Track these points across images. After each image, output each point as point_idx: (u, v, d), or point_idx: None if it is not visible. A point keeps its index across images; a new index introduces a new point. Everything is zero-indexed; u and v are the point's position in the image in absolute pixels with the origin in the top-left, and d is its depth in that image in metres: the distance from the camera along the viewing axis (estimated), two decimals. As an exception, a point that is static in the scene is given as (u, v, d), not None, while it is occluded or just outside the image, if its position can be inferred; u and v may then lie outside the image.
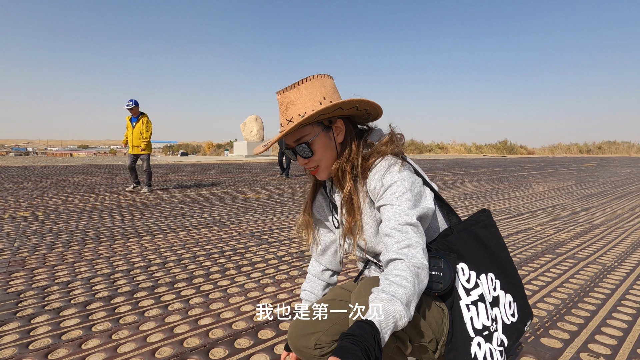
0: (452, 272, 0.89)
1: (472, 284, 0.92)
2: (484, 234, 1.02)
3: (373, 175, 0.91)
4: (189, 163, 15.02)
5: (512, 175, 10.84)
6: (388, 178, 0.89)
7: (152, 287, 2.07)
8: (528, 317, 1.07)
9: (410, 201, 0.86)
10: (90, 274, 2.28)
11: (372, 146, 0.97)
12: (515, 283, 1.05)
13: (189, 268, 2.41)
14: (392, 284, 0.74)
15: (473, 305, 0.90)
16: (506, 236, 3.36)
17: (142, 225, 3.70)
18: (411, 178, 0.90)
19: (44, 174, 8.90)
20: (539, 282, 2.23)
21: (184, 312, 1.76)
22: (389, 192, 0.88)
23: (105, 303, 1.86)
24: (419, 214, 0.86)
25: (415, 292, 0.75)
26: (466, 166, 15.12)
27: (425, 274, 0.80)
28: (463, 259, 0.94)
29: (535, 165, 15.90)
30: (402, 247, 0.81)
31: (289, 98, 0.93)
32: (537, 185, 7.97)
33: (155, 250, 2.80)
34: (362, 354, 0.60)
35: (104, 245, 2.92)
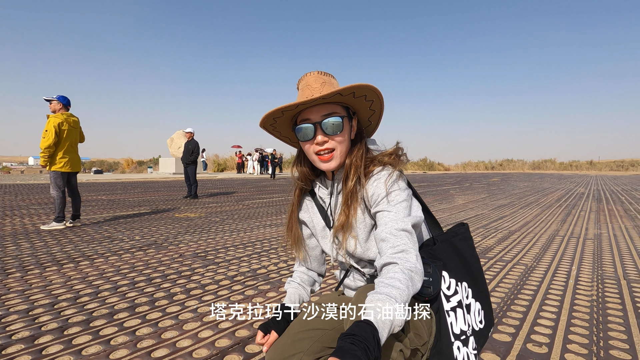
0: (439, 278, 0.92)
1: (452, 290, 0.97)
2: (462, 245, 1.08)
3: (372, 182, 0.94)
4: (107, 181, 13.58)
5: (435, 189, 11.85)
6: (387, 186, 0.92)
7: (87, 321, 1.79)
8: (491, 324, 1.14)
9: (406, 210, 0.90)
10: (2, 312, 1.89)
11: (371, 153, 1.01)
12: (483, 292, 1.12)
13: (128, 296, 2.14)
14: (387, 286, 0.75)
15: (452, 311, 0.95)
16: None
17: (60, 252, 3.21)
18: (407, 190, 0.95)
19: None
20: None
21: (131, 346, 1.55)
22: (387, 200, 0.90)
23: (28, 344, 1.55)
24: (413, 222, 0.89)
25: (410, 293, 0.76)
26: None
27: (419, 278, 0.82)
28: (444, 267, 0.98)
29: (453, 181, 17.64)
30: (396, 251, 0.83)
31: (323, 79, 0.95)
32: (458, 198, 8.83)
33: (82, 279, 2.44)
34: (362, 354, 0.60)
35: (14, 277, 2.47)
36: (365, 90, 0.92)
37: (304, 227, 1.12)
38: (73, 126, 4.68)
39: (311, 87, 0.94)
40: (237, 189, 11.02)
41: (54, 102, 4.58)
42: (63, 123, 4.52)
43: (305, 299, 1.12)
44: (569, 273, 2.71)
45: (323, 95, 0.88)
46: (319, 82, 0.94)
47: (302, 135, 0.95)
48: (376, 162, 0.97)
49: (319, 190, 1.08)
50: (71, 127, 4.64)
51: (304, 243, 1.12)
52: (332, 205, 1.04)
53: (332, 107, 0.95)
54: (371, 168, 0.96)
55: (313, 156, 0.97)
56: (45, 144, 4.39)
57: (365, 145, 1.01)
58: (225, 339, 1.63)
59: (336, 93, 0.89)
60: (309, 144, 0.96)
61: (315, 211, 1.09)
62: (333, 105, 0.95)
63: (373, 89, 0.93)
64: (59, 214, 4.46)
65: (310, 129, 0.94)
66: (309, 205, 1.10)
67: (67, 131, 4.55)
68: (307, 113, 0.95)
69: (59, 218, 4.46)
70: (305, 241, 1.13)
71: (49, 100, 4.58)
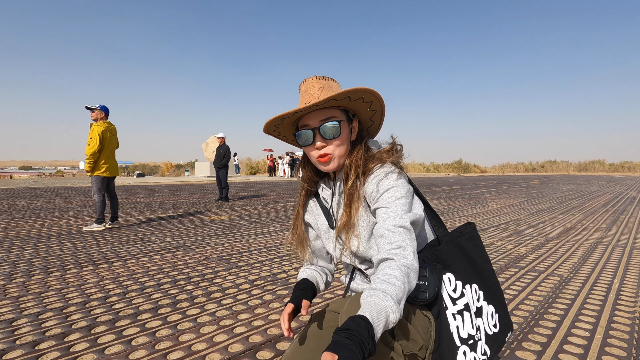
0: (436, 281, 0.91)
1: (459, 293, 0.95)
2: (469, 245, 1.06)
3: (372, 180, 0.95)
4: (147, 184, 14.32)
5: (469, 193, 11.42)
6: (386, 183, 0.92)
7: (113, 321, 1.89)
8: (508, 328, 1.09)
9: (405, 206, 0.90)
10: (39, 309, 2.05)
11: (371, 152, 1.02)
12: (497, 294, 1.08)
13: (153, 297, 2.24)
14: (382, 282, 0.75)
15: (459, 315, 0.92)
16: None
17: (97, 252, 3.42)
18: (407, 186, 0.94)
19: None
20: (506, 295, 2.32)
21: (150, 347, 1.62)
22: (386, 196, 0.91)
23: (58, 341, 1.67)
24: (412, 219, 0.89)
25: (405, 290, 0.76)
26: (426, 185, 15.74)
27: (415, 275, 0.81)
28: (449, 269, 0.97)
29: (489, 183, 16.91)
30: (393, 247, 0.83)
31: (322, 84, 0.97)
32: (492, 202, 8.45)
33: (114, 279, 2.59)
34: (357, 349, 0.60)
35: (54, 276, 2.66)
36: (361, 93, 0.94)
37: (310, 229, 1.13)
38: (112, 134, 4.99)
39: (309, 93, 0.96)
40: (267, 192, 11.21)
41: (96, 110, 4.88)
42: (105, 131, 4.82)
43: (320, 284, 1.11)
44: (609, 286, 2.50)
45: (317, 102, 0.90)
46: (317, 87, 0.97)
47: (302, 140, 0.98)
48: (375, 159, 0.98)
49: (322, 191, 1.10)
50: (111, 135, 4.94)
51: (309, 243, 1.13)
52: (333, 206, 1.06)
53: (330, 112, 0.97)
54: (370, 166, 0.97)
55: (314, 159, 1.00)
56: (91, 150, 4.71)
57: (365, 145, 1.03)
58: (239, 343, 1.66)
59: (330, 99, 0.90)
60: (309, 148, 0.99)
61: (320, 212, 1.10)
62: (331, 110, 0.97)
63: (368, 91, 0.94)
64: (99, 216, 4.76)
65: (309, 134, 0.96)
66: (313, 207, 1.12)
67: (108, 139, 4.86)
68: (307, 119, 0.97)
69: (99, 220, 4.75)
70: (312, 243, 1.13)
71: (92, 109, 4.89)
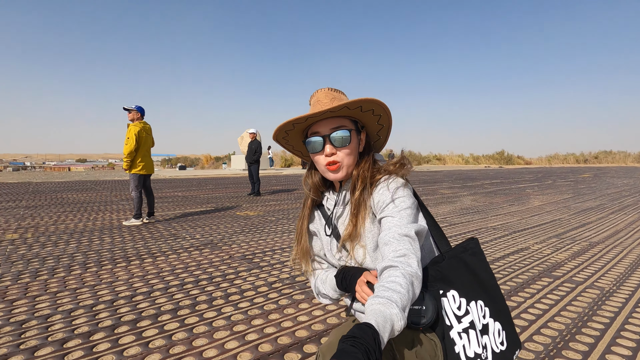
0: (435, 305, 0.90)
1: (463, 310, 0.94)
2: (473, 261, 1.05)
3: (379, 191, 0.97)
4: (186, 177, 14.98)
5: (509, 187, 10.82)
6: (392, 193, 0.95)
7: (135, 321, 1.99)
8: (516, 345, 1.06)
9: (410, 217, 0.91)
10: (72, 305, 2.20)
11: (378, 164, 1.05)
12: (503, 311, 1.06)
13: (175, 297, 2.33)
14: (387, 289, 0.75)
15: (464, 333, 0.91)
16: (502, 257, 3.30)
17: (132, 248, 3.63)
18: (412, 198, 0.97)
19: (38, 191, 8.82)
20: (536, 310, 2.16)
21: (164, 351, 1.69)
22: (392, 206, 0.93)
23: (84, 340, 1.78)
24: (417, 229, 0.90)
25: (410, 298, 0.76)
26: (464, 178, 15.12)
27: (418, 283, 0.81)
28: (453, 286, 0.96)
29: (533, 177, 15.92)
30: (398, 255, 0.83)
31: (333, 95, 1.01)
32: (534, 199, 7.94)
33: (142, 277, 2.72)
34: (363, 356, 0.60)
35: (90, 272, 2.85)
36: (372, 105, 0.97)
37: (315, 239, 1.13)
38: (148, 133, 5.23)
39: (321, 103, 0.99)
40: (298, 186, 11.31)
41: (133, 111, 5.14)
42: (141, 131, 5.06)
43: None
44: (658, 303, 2.26)
45: (331, 108, 0.92)
46: (328, 98, 1.00)
47: (312, 147, 1.00)
48: (382, 171, 1.01)
49: (326, 201, 1.11)
50: (147, 134, 5.19)
51: (312, 256, 1.12)
52: (335, 215, 1.07)
53: (341, 121, 0.99)
54: (377, 177, 1.00)
55: (322, 167, 1.01)
56: (128, 150, 4.98)
57: (372, 158, 1.06)
58: (248, 352, 1.68)
59: (344, 106, 0.93)
60: (318, 156, 1.00)
61: (323, 222, 1.11)
62: (342, 119, 1.00)
63: (380, 104, 0.97)
64: (136, 211, 5.03)
65: (319, 141, 0.98)
66: (317, 217, 1.13)
67: (144, 138, 5.10)
68: (317, 126, 0.99)
69: (137, 215, 5.03)
70: (317, 254, 1.13)
71: (129, 110, 5.15)
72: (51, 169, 35.83)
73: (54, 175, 16.27)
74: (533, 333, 1.87)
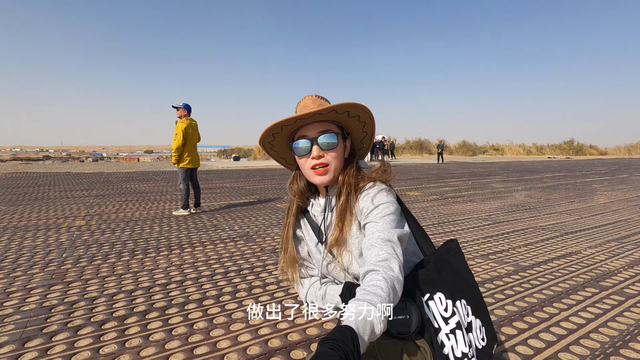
0: (418, 312, 0.92)
1: (450, 312, 0.96)
2: (456, 261, 1.08)
3: (363, 197, 0.99)
4: (236, 169, 15.70)
5: (573, 182, 9.84)
6: (376, 200, 0.97)
7: (164, 308, 2.18)
8: (494, 340, 1.11)
9: (393, 222, 0.93)
10: (115, 290, 2.46)
11: (362, 171, 1.07)
12: (482, 309, 1.10)
13: (204, 288, 2.50)
14: (368, 293, 0.75)
15: (452, 334, 0.93)
16: (545, 261, 3.05)
17: (175, 237, 3.93)
18: (395, 204, 0.98)
19: (107, 181, 9.84)
20: (569, 324, 1.98)
21: (184, 339, 1.83)
22: (375, 212, 0.95)
23: (119, 323, 1.99)
24: (399, 235, 0.91)
25: (391, 301, 0.77)
26: (521, 170, 14.04)
27: (400, 287, 0.82)
28: (440, 288, 0.98)
29: (605, 170, 14.29)
30: (380, 260, 0.84)
31: (319, 102, 1.05)
32: (600, 196, 7.15)
33: (179, 266, 2.95)
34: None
35: (136, 259, 3.14)
36: (359, 110, 1.00)
37: (301, 245, 1.15)
38: (194, 129, 5.56)
39: (308, 108, 1.02)
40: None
41: (180, 109, 5.50)
42: (188, 127, 5.41)
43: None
44: None
45: (319, 110, 0.94)
46: (315, 104, 1.03)
47: (299, 150, 1.01)
48: (366, 178, 1.03)
49: (312, 208, 1.13)
50: (193, 130, 5.52)
51: (299, 261, 1.14)
52: (325, 222, 1.08)
53: (328, 125, 1.02)
54: (361, 184, 1.02)
55: (308, 171, 1.03)
56: (176, 145, 5.36)
57: (357, 164, 1.08)
58: (257, 346, 1.76)
59: (332, 109, 0.96)
60: (305, 159, 1.02)
61: (309, 228, 1.13)
62: (329, 124, 1.02)
63: (366, 110, 1.00)
64: (184, 202, 5.41)
65: (306, 144, 1.00)
66: (302, 224, 1.15)
67: (190, 134, 5.44)
68: (304, 130, 1.01)
69: (185, 206, 5.41)
70: (304, 261, 1.16)
71: (177, 107, 5.52)
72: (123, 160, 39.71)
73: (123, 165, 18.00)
74: (559, 350, 1.73)
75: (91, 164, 20.51)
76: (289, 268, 1.13)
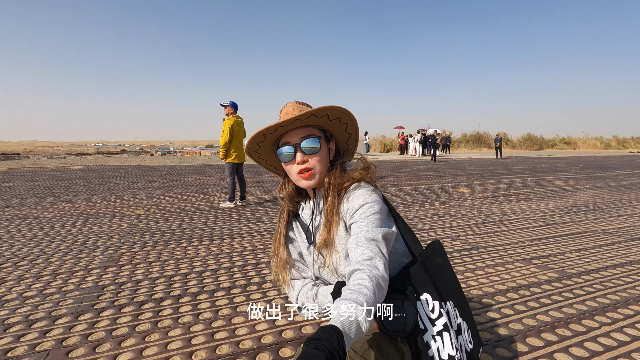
0: (413, 311, 0.92)
1: (437, 313, 0.95)
2: (441, 262, 1.07)
3: (347, 197, 1.01)
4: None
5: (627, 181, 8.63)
6: (361, 200, 0.98)
7: (196, 294, 2.37)
8: (480, 344, 1.10)
9: (378, 221, 0.94)
10: (158, 274, 2.72)
11: (347, 172, 1.08)
12: (468, 311, 1.09)
13: (234, 277, 2.67)
14: (353, 292, 0.76)
15: (438, 336, 0.93)
16: (598, 269, 2.76)
17: (219, 228, 4.20)
18: (380, 204, 0.99)
19: (169, 174, 10.72)
20: (610, 340, 1.79)
21: (207, 323, 1.98)
22: (360, 212, 0.96)
23: (156, 305, 2.21)
24: (384, 233, 0.92)
25: (376, 300, 0.78)
26: (593, 167, 12.63)
27: (385, 285, 0.83)
28: (426, 289, 0.97)
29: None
30: (364, 259, 0.85)
31: (301, 108, 1.07)
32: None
33: (216, 256, 3.16)
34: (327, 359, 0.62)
35: (180, 247, 3.43)
36: (338, 113, 1.01)
37: (293, 249, 1.17)
38: (240, 126, 5.85)
39: (289, 114, 1.04)
40: (389, 173, 11.12)
41: (227, 107, 5.82)
42: (234, 124, 5.70)
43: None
44: None
45: (298, 116, 0.97)
46: (297, 110, 1.05)
47: (284, 157, 1.04)
48: (350, 178, 1.04)
49: (302, 211, 1.15)
50: (239, 127, 5.81)
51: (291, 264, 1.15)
52: (313, 223, 1.11)
53: (310, 130, 1.04)
54: (346, 185, 1.03)
55: (295, 176, 1.05)
56: (223, 141, 5.68)
57: (342, 166, 1.09)
58: (271, 335, 1.85)
59: (311, 114, 0.98)
60: (290, 165, 1.05)
61: (300, 231, 1.15)
62: (311, 129, 1.04)
63: (345, 112, 1.01)
64: (231, 195, 5.74)
65: (290, 150, 1.03)
66: (294, 227, 1.17)
67: (236, 130, 5.74)
68: (287, 137, 1.04)
69: (231, 199, 5.73)
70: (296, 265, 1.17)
71: (224, 105, 5.84)
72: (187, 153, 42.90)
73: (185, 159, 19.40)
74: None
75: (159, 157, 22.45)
76: (281, 271, 1.15)
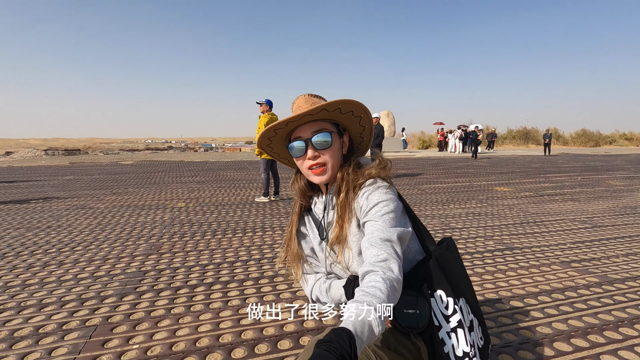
0: (427, 309, 0.91)
1: (451, 310, 0.94)
2: (455, 258, 1.06)
3: (362, 195, 0.97)
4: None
5: None
6: (376, 197, 0.94)
7: (227, 282, 2.51)
8: (489, 340, 1.09)
9: (393, 220, 0.91)
10: (193, 262, 2.91)
11: (362, 168, 1.04)
12: (479, 308, 1.08)
13: (263, 268, 2.79)
14: (366, 294, 0.75)
15: (453, 332, 0.92)
16: (623, 279, 2.55)
17: (252, 221, 4.37)
18: (396, 202, 0.96)
19: (210, 169, 11.24)
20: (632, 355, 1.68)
21: (235, 310, 2.11)
22: (374, 210, 0.93)
23: (190, 291, 2.38)
24: (399, 233, 0.89)
25: (390, 302, 0.76)
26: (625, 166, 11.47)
27: (400, 287, 0.82)
28: (440, 286, 0.96)
29: None
30: (379, 260, 0.83)
31: (313, 100, 1.04)
32: None
33: (247, 248, 3.31)
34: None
35: (216, 239, 3.63)
36: (351, 106, 0.98)
37: (304, 243, 1.15)
38: (275, 123, 6.05)
39: (301, 108, 1.01)
40: (426, 170, 10.86)
41: (263, 104, 6.00)
42: (269, 122, 5.87)
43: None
44: None
45: (309, 111, 0.94)
46: (308, 103, 1.02)
47: (295, 151, 1.02)
48: (365, 175, 1.00)
49: (315, 206, 1.14)
50: (274, 124, 6.01)
51: (303, 259, 1.14)
52: (326, 219, 1.09)
53: (322, 124, 1.01)
54: (360, 181, 0.99)
55: (306, 171, 1.03)
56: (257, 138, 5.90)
57: (356, 160, 1.05)
58: (293, 324, 1.93)
59: (322, 108, 0.95)
60: (301, 160, 1.03)
61: (313, 226, 1.14)
62: (323, 123, 1.01)
63: (358, 105, 0.98)
64: (265, 190, 5.93)
65: (301, 145, 1.00)
66: (307, 222, 1.15)
67: (271, 127, 5.94)
68: (299, 131, 1.01)
69: (265, 194, 5.93)
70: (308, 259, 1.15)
71: (260, 103, 6.03)
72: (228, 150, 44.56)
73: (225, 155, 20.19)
74: (621, 376, 1.50)
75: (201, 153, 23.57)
76: (293, 264, 1.14)
